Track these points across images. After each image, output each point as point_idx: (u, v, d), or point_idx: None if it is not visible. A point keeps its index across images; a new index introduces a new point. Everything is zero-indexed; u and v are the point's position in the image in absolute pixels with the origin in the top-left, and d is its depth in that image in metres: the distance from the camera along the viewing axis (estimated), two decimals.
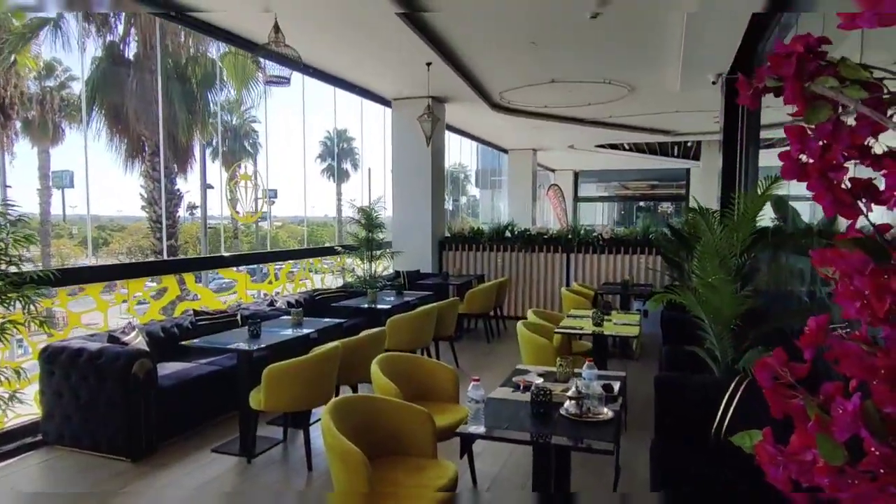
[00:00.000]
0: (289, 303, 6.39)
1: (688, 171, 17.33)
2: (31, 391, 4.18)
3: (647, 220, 13.69)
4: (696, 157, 15.20)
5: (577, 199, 21.28)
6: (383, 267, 8.74)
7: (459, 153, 16.97)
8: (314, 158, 35.64)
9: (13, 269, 3.39)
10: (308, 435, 3.87)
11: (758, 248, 3.81)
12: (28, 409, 4.12)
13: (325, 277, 8.60)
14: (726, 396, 2.95)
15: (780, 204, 4.99)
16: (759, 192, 3.53)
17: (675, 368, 3.96)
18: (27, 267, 3.64)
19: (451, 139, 12.18)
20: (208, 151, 19.92)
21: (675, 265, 6.88)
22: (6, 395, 3.45)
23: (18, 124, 16.93)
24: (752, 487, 1.31)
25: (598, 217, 23.52)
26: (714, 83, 6.72)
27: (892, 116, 0.91)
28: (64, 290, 4.46)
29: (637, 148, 14.93)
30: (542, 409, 2.58)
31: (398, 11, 4.46)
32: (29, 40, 14.67)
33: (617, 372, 3.50)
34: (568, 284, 8.63)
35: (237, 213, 7.75)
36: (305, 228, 13.34)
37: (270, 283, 7.51)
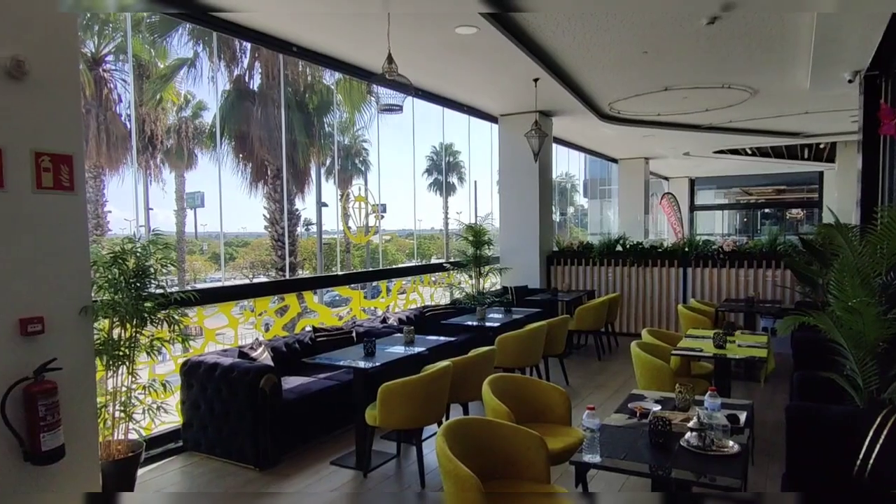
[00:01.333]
0: (400, 320, 6.57)
1: (821, 174, 15.97)
2: (173, 401, 4.59)
3: (773, 229, 12.69)
4: (831, 160, 13.97)
5: (693, 207, 20.24)
6: (491, 283, 8.78)
7: (567, 163, 16.69)
8: (421, 173, 36.55)
9: (160, 290, 3.76)
10: (421, 452, 3.95)
11: None
12: (171, 417, 4.53)
13: (434, 293, 8.77)
14: (871, 432, 2.67)
15: None
16: None
17: (809, 397, 3.64)
18: (168, 284, 4.02)
19: (557, 150, 12.04)
20: (322, 171, 21.03)
21: (807, 281, 6.34)
22: (154, 406, 3.82)
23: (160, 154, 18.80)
24: None
25: (716, 226, 22.19)
26: (851, 81, 6.16)
27: None
28: (201, 309, 4.87)
29: (761, 151, 13.95)
30: (660, 440, 2.47)
31: (483, 12, 4.47)
32: (171, 79, 16.30)
33: (742, 400, 3.28)
34: (685, 301, 8.21)
35: (351, 232, 8.10)
36: (415, 242, 13.69)
37: (383, 298, 7.78)
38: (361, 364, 4.13)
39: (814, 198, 17.75)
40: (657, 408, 2.95)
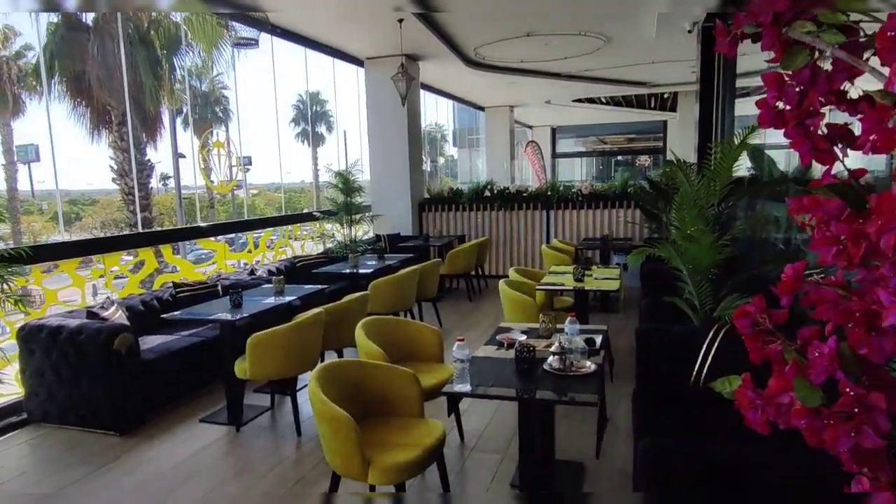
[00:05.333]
0: (270, 271, 6.34)
1: (664, 123, 17.33)
2: (13, 371, 4.13)
3: (625, 173, 13.70)
4: (673, 109, 15.18)
5: (555, 155, 21.24)
6: (363, 231, 8.70)
7: (436, 112, 16.76)
8: (287, 123, 35.03)
9: None
10: (295, 401, 3.89)
11: (735, 197, 3.85)
12: (10, 388, 4.08)
13: (304, 244, 8.53)
14: (705, 344, 3.01)
15: (756, 153, 5.03)
16: (736, 142, 3.54)
17: (656, 319, 4.03)
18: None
19: (427, 98, 12.00)
20: (178, 120, 19.45)
21: (653, 217, 6.94)
22: None
23: None
24: (729, 430, 1.34)
25: (576, 173, 23.54)
26: (690, 31, 6.66)
27: (868, 60, 0.91)
28: (38, 268, 4.36)
29: (614, 101, 14.84)
30: (526, 366, 2.61)
31: None
32: None
33: (599, 326, 3.55)
34: (548, 241, 8.68)
35: (212, 182, 7.61)
36: (283, 195, 13.16)
37: (250, 251, 7.44)
38: (227, 316, 3.94)
39: (659, 146, 19.27)
40: (523, 337, 3.11)
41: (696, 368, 3.03)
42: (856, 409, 0.76)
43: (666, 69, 10.07)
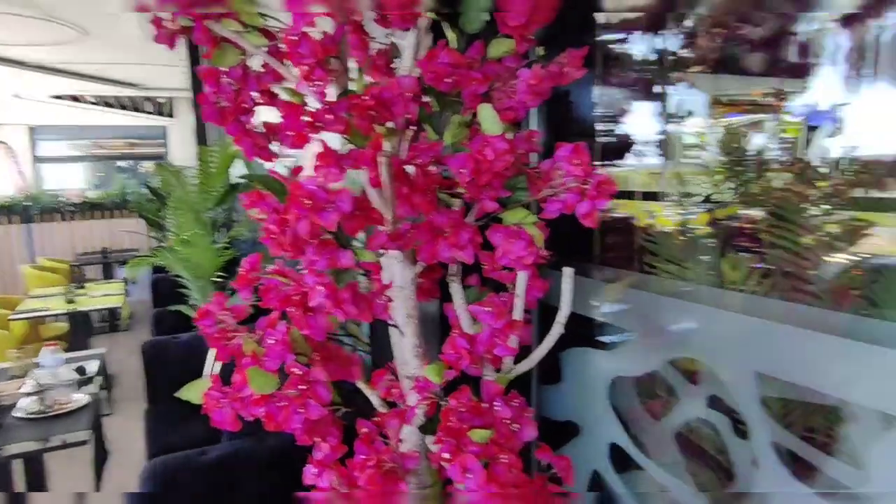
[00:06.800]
0: None
1: (165, 128, 16.76)
2: None
3: (129, 181, 12.73)
4: (171, 115, 14.81)
5: (37, 159, 18.04)
6: None
7: None
8: None
9: None
10: None
11: (230, 200, 3.97)
12: None
13: None
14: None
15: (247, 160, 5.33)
16: (224, 149, 3.65)
17: (167, 331, 3.82)
18: None
19: None
20: None
21: (155, 225, 6.61)
22: None
23: None
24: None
25: (74, 181, 20.57)
26: None
27: (288, 66, 0.99)
28: None
29: (106, 102, 13.46)
30: None
31: None
32: None
33: (96, 350, 3.14)
34: (33, 261, 7.31)
35: None
36: None
37: None
38: None
39: (163, 152, 18.52)
40: None
41: (203, 374, 2.99)
42: (302, 387, 0.82)
43: (159, 72, 9.66)
